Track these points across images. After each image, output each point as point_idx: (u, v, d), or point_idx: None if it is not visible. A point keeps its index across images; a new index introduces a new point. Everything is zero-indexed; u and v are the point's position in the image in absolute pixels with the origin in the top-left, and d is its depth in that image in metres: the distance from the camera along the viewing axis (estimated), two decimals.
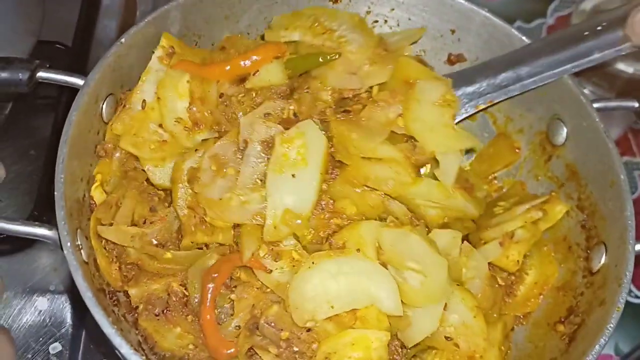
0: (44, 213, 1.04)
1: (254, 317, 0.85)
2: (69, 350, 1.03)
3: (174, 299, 0.88)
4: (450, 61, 1.16)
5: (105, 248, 0.90)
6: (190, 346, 0.87)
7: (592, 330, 0.85)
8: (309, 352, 0.81)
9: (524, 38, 1.06)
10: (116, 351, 0.77)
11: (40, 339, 1.03)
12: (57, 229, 0.79)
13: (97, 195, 0.92)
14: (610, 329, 0.80)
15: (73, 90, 0.91)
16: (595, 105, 0.99)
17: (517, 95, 1.05)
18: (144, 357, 0.71)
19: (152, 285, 0.90)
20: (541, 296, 0.99)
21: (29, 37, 1.17)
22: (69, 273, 1.07)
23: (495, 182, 1.16)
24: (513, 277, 1.02)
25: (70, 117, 0.86)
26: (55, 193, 0.80)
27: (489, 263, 0.99)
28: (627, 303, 1.15)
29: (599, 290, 0.90)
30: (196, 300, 0.87)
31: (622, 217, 0.89)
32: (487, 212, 1.02)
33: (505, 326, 0.99)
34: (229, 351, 0.83)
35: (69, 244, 0.77)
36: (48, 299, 1.06)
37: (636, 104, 1.01)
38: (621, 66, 1.30)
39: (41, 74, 0.91)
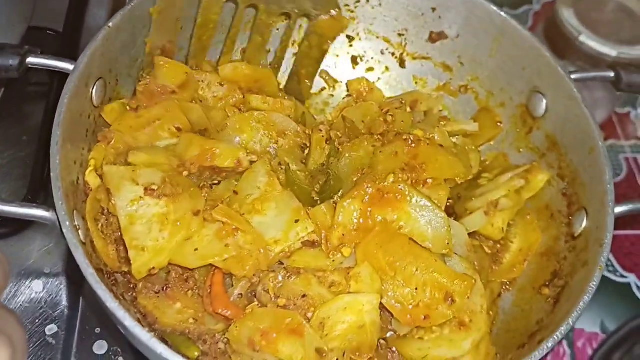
0: (37, 198, 1.05)
1: (253, 285, 0.88)
2: (64, 332, 1.04)
3: (174, 275, 0.90)
4: (432, 39, 1.19)
5: (103, 232, 0.91)
6: (191, 320, 0.88)
7: (576, 290, 0.88)
8: (305, 319, 0.84)
9: (502, 14, 1.09)
10: (119, 327, 0.79)
11: (36, 320, 1.04)
12: (55, 210, 0.80)
13: (92, 179, 0.92)
14: (593, 287, 0.83)
15: (64, 77, 0.92)
16: (573, 76, 1.03)
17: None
18: (146, 329, 0.72)
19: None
20: (526, 262, 1.03)
21: (21, 23, 1.17)
22: (64, 256, 1.11)
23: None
24: (499, 246, 1.05)
25: (62, 101, 0.87)
26: (52, 174, 0.81)
27: (475, 232, 1.03)
28: (613, 282, 1.23)
29: (581, 253, 0.93)
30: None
31: (601, 182, 0.93)
32: (471, 184, 1.05)
33: (493, 292, 1.02)
34: (225, 311, 0.86)
35: (67, 223, 0.78)
36: (43, 282, 1.07)
37: (612, 74, 1.04)
38: (605, 50, 1.32)
39: (31, 60, 0.92)
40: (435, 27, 1.18)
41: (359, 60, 1.25)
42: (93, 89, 0.95)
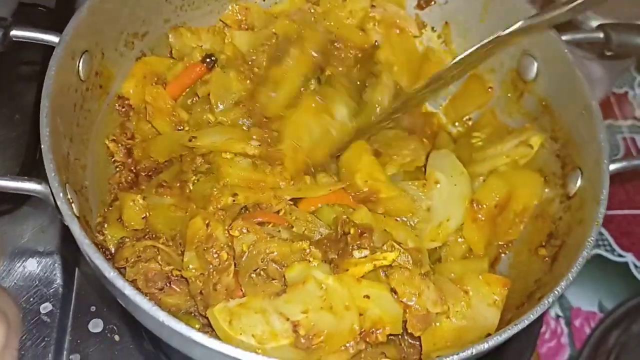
0: (30, 176, 1.03)
1: None
2: (59, 310, 1.03)
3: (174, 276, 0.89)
4: (420, 6, 1.18)
5: None
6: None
7: (573, 248, 0.88)
8: None
9: None
10: (118, 298, 0.78)
11: (31, 299, 1.03)
12: (47, 183, 0.79)
13: None
14: (591, 242, 0.83)
15: None
16: (564, 37, 1.03)
17: None
18: (147, 298, 0.71)
19: (149, 265, 0.90)
20: (522, 224, 1.03)
21: None
22: (58, 234, 1.09)
23: (470, 122, 1.19)
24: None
25: (49, 73, 0.85)
26: (42, 146, 0.79)
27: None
28: (610, 261, 1.24)
29: (577, 212, 0.94)
30: None
31: (595, 140, 0.93)
32: (464, 144, 1.05)
33: (490, 257, 1.02)
34: None
35: (61, 194, 0.77)
36: (37, 261, 1.06)
37: (601, 34, 1.04)
38: (594, 23, 1.30)
39: (15, 33, 0.90)
40: None
41: None
42: (79, 62, 0.93)
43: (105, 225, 0.95)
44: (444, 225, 0.99)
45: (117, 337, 1.02)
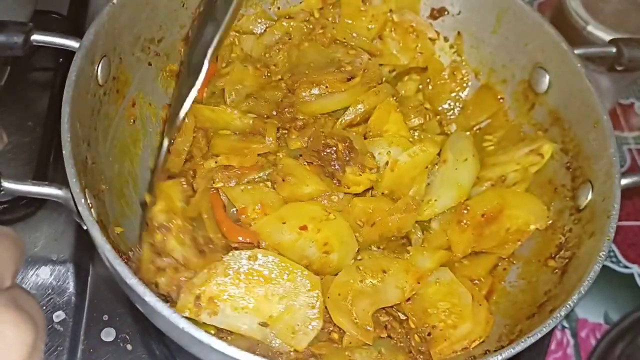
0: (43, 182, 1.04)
1: None
2: (72, 319, 1.04)
3: None
4: (433, 16, 1.20)
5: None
6: None
7: (584, 260, 0.89)
8: None
9: None
10: (137, 305, 0.79)
11: (44, 307, 1.03)
12: (68, 188, 0.80)
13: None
14: (602, 256, 0.84)
15: (68, 62, 0.90)
16: (577, 51, 1.04)
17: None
18: (168, 305, 0.72)
19: (179, 275, 0.88)
20: (518, 243, 1.03)
21: (27, 6, 1.16)
22: (71, 242, 1.10)
23: (479, 131, 1.20)
24: None
25: (70, 77, 0.86)
26: (64, 152, 0.80)
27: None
28: (616, 273, 1.25)
29: (587, 225, 0.95)
30: None
31: (606, 154, 0.94)
32: (477, 148, 1.08)
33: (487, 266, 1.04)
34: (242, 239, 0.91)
35: (82, 200, 0.78)
36: (50, 269, 1.07)
37: (614, 49, 1.05)
38: (601, 34, 1.31)
39: (36, 37, 0.91)
40: (436, 3, 1.18)
41: None
42: (98, 67, 0.94)
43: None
44: (430, 204, 1.03)
45: (129, 347, 1.02)
